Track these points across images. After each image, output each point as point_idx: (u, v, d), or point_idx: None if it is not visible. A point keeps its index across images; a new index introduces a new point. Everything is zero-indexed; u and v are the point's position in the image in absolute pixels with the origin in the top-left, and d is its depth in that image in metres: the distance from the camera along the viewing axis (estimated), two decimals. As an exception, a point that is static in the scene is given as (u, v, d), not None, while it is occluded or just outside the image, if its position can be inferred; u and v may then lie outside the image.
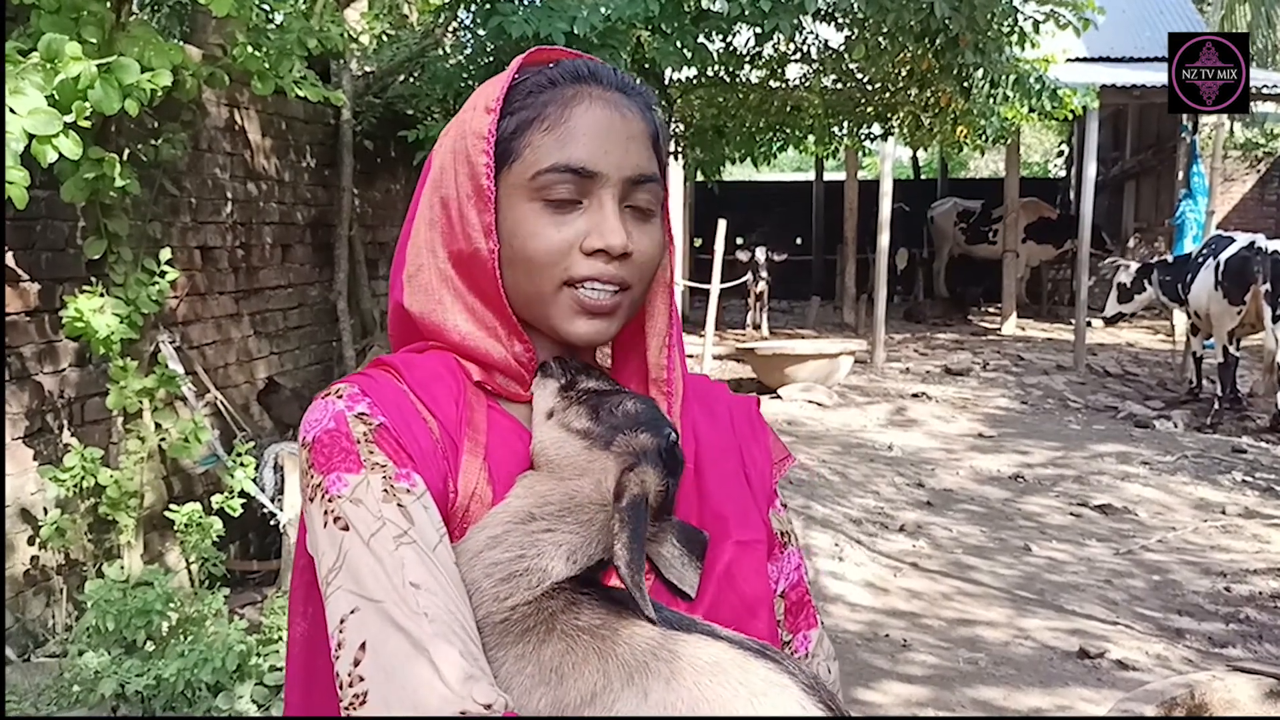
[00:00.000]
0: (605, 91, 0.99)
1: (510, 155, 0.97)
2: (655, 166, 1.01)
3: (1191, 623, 4.61)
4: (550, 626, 0.87)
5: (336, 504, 0.87)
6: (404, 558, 0.83)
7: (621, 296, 0.98)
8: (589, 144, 0.96)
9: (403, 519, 0.86)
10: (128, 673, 3.19)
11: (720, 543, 1.00)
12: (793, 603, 1.10)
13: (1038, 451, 7.82)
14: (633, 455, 0.93)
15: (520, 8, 5.06)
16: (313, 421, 0.93)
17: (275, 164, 5.63)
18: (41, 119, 2.87)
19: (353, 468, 0.88)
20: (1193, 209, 12.33)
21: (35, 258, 3.82)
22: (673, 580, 0.96)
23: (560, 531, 0.91)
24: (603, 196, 0.96)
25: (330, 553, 0.86)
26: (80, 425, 4.04)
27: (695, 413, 1.08)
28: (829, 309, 15.66)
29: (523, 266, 0.97)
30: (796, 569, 1.12)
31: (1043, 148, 27.56)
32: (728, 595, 0.99)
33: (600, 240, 0.95)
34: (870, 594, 4.92)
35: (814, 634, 1.11)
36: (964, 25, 5.91)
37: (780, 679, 0.85)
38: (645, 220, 1.00)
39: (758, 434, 1.13)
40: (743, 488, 1.07)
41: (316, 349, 6.14)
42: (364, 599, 0.82)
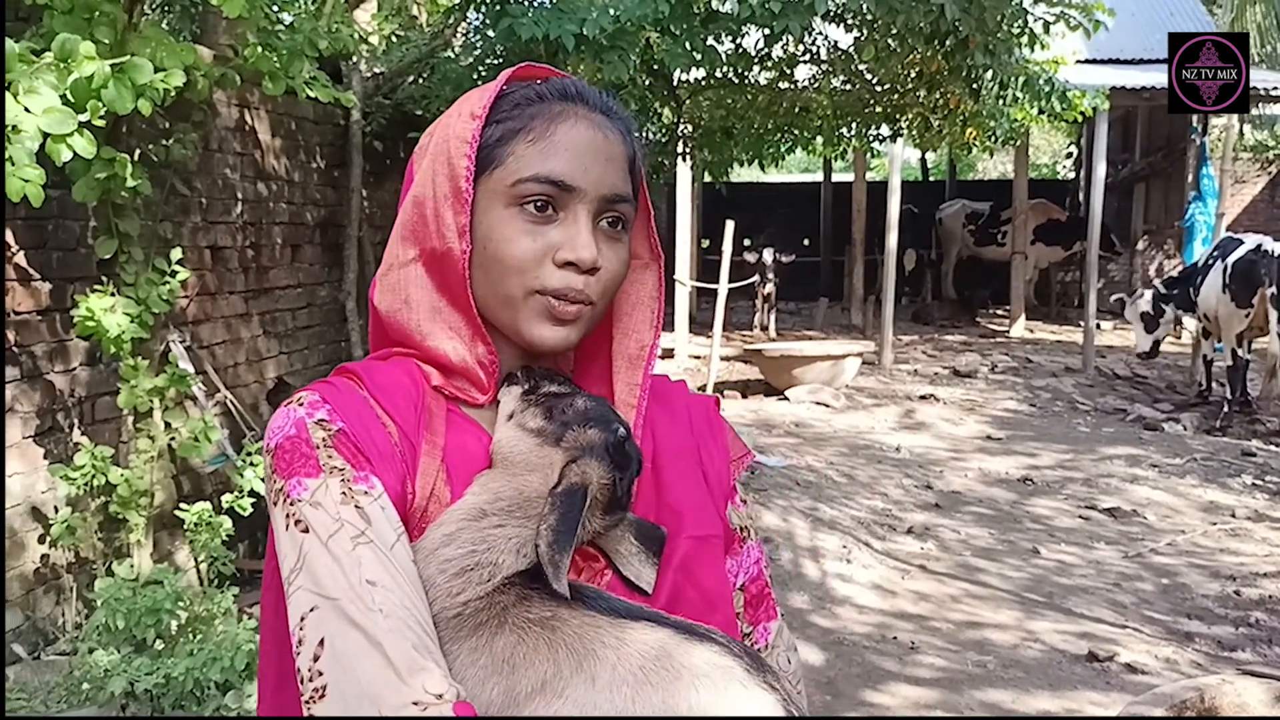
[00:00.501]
0: (590, 112, 1.03)
1: (492, 162, 1.00)
2: (630, 188, 1.04)
3: (1201, 626, 4.60)
4: (502, 620, 0.90)
5: (297, 507, 0.90)
6: (361, 557, 0.87)
7: (585, 308, 1.01)
8: (570, 159, 0.99)
9: (360, 520, 0.89)
10: (137, 671, 3.20)
11: (676, 538, 1.03)
12: (752, 595, 1.13)
13: (1046, 454, 7.81)
14: (578, 449, 0.97)
15: (530, 9, 5.06)
16: (276, 429, 0.95)
17: (285, 164, 5.65)
18: (56, 118, 2.88)
19: (312, 472, 0.91)
20: (1202, 211, 12.29)
21: (47, 257, 3.84)
22: (629, 576, 0.99)
23: (510, 526, 0.94)
24: (578, 211, 0.99)
25: (291, 554, 0.89)
26: (91, 424, 4.05)
27: (654, 412, 1.11)
28: (837, 310, 15.65)
29: (495, 270, 1.00)
30: (756, 562, 1.14)
31: (1051, 149, 27.50)
32: (685, 589, 1.02)
33: (572, 253, 0.98)
34: (878, 596, 4.91)
35: (773, 625, 1.14)
36: (974, 27, 5.89)
37: (723, 660, 0.88)
38: (615, 239, 1.03)
39: (715, 432, 1.16)
40: (699, 484, 1.10)
41: (326, 349, 6.15)
42: (322, 597, 0.86)
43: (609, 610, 0.91)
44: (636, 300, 1.10)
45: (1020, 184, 14.45)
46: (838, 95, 8.89)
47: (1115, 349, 12.43)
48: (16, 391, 3.71)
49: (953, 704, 3.88)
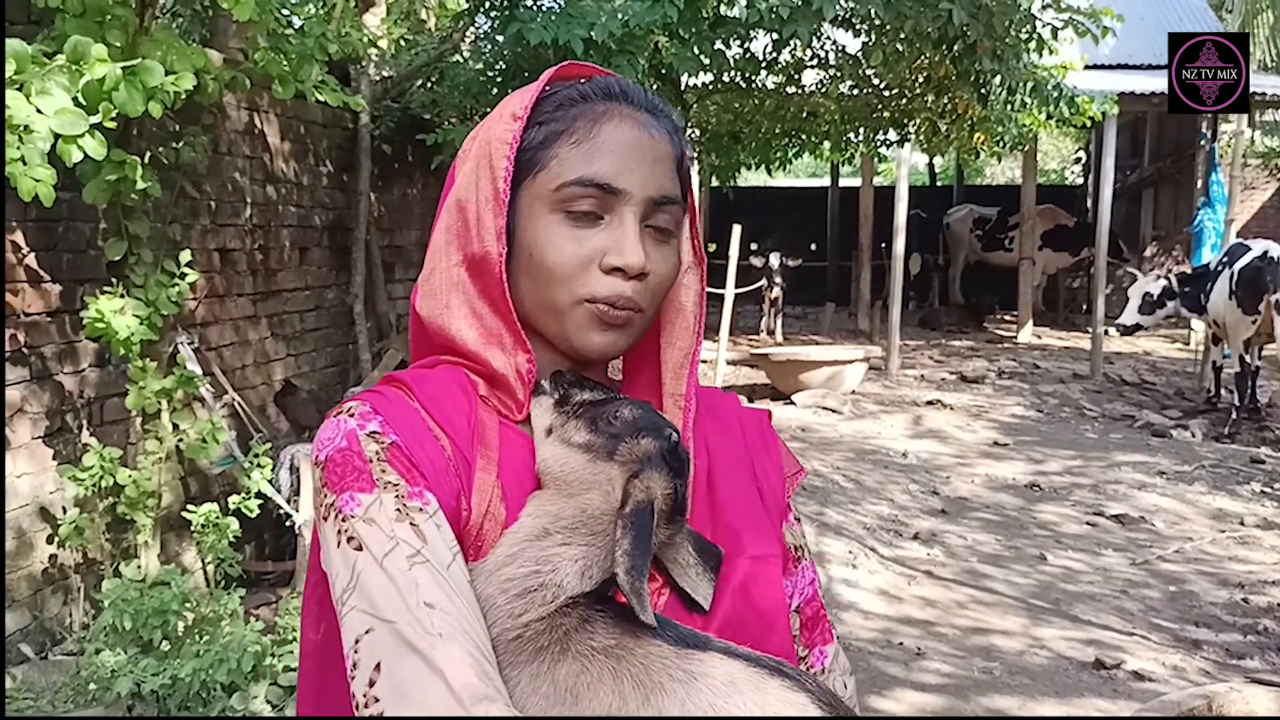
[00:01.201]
0: (635, 111, 1.00)
1: (536, 165, 0.97)
2: (678, 189, 1.01)
3: (1209, 634, 4.58)
4: (564, 646, 0.87)
5: (350, 524, 0.87)
6: (417, 578, 0.83)
7: (635, 314, 0.98)
8: (616, 161, 0.96)
9: (416, 538, 0.85)
10: (144, 672, 3.20)
11: (734, 558, 0.99)
12: (807, 618, 1.09)
13: (1053, 460, 7.79)
14: (636, 462, 0.93)
15: (539, 14, 5.08)
16: (325, 440, 0.92)
17: (294, 167, 5.67)
18: (68, 119, 2.90)
19: (365, 487, 0.88)
20: (1211, 217, 12.26)
21: (57, 259, 3.85)
22: (686, 589, 0.96)
23: (574, 545, 0.91)
24: (624, 214, 0.96)
25: (344, 573, 0.85)
26: (99, 425, 4.07)
27: (707, 425, 1.07)
28: (843, 315, 15.63)
29: (541, 277, 0.97)
30: (810, 583, 1.11)
31: (1060, 155, 27.47)
32: (744, 611, 0.98)
33: (619, 258, 0.95)
34: (884, 602, 4.90)
35: (830, 649, 1.10)
36: (982, 32, 5.90)
37: (796, 696, 0.85)
38: (663, 242, 1.00)
39: (770, 447, 1.12)
40: (756, 502, 1.06)
41: (333, 351, 6.16)
42: (378, 620, 0.82)
43: (676, 639, 0.87)
44: (680, 306, 1.06)
45: (1028, 189, 14.43)
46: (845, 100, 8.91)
47: (1123, 355, 12.40)
48: (26, 392, 3.73)
49: (958, 710, 3.86)
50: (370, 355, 6.16)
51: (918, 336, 13.98)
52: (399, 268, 7.08)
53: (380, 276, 6.57)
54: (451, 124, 6.41)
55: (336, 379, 6.14)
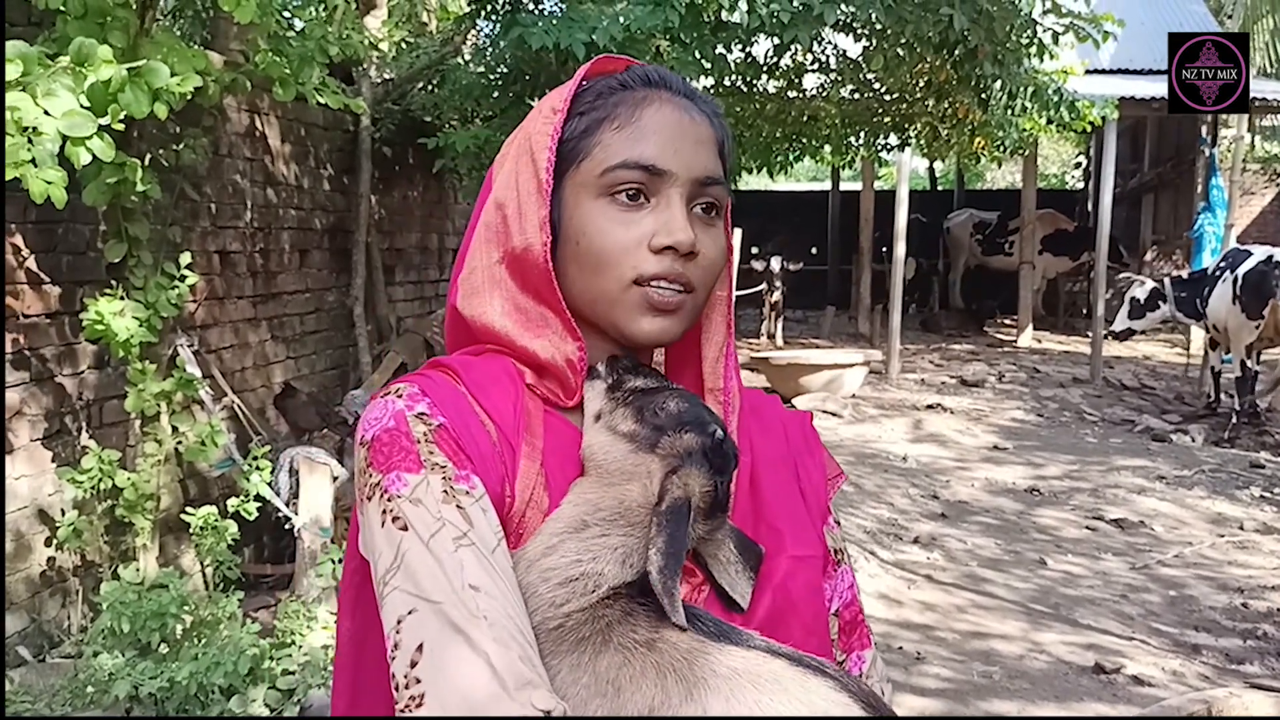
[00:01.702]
0: (675, 96, 1.00)
1: (579, 154, 0.98)
2: (721, 171, 1.01)
3: (1208, 639, 4.58)
4: (606, 637, 0.86)
5: (395, 503, 0.86)
6: (463, 560, 0.83)
7: (686, 297, 0.97)
8: (659, 142, 0.96)
9: (462, 520, 0.85)
10: (141, 675, 3.20)
11: (776, 557, 0.99)
12: (846, 622, 1.08)
13: (1053, 464, 7.79)
14: (676, 457, 0.92)
15: (540, 18, 5.08)
16: (372, 420, 0.92)
17: (295, 170, 5.67)
18: (75, 120, 2.90)
19: (413, 467, 0.88)
20: (1211, 222, 12.26)
21: (56, 260, 3.85)
22: (724, 586, 0.95)
23: (614, 536, 0.90)
24: (671, 195, 0.96)
25: (388, 552, 0.85)
26: (99, 427, 4.06)
27: (750, 425, 1.08)
28: (844, 319, 15.63)
29: (590, 264, 0.97)
30: (850, 587, 1.10)
31: (1060, 159, 27.47)
32: (784, 611, 0.98)
33: (669, 237, 0.95)
34: (884, 605, 4.90)
35: (868, 654, 1.09)
36: (983, 37, 5.90)
37: (840, 696, 0.84)
38: (710, 224, 1.00)
39: (812, 449, 1.12)
40: (798, 502, 1.06)
41: (333, 354, 6.16)
42: (422, 600, 0.82)
43: (720, 636, 0.87)
44: (714, 301, 1.06)
45: (1029, 194, 14.43)
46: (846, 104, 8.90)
47: (1123, 360, 12.40)
48: (25, 394, 3.73)
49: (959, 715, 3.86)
50: (370, 358, 6.16)
51: (918, 340, 13.98)
52: (399, 270, 7.08)
53: (380, 279, 6.57)
54: (452, 127, 6.41)
55: (336, 382, 6.14)
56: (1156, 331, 14.16)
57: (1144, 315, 9.71)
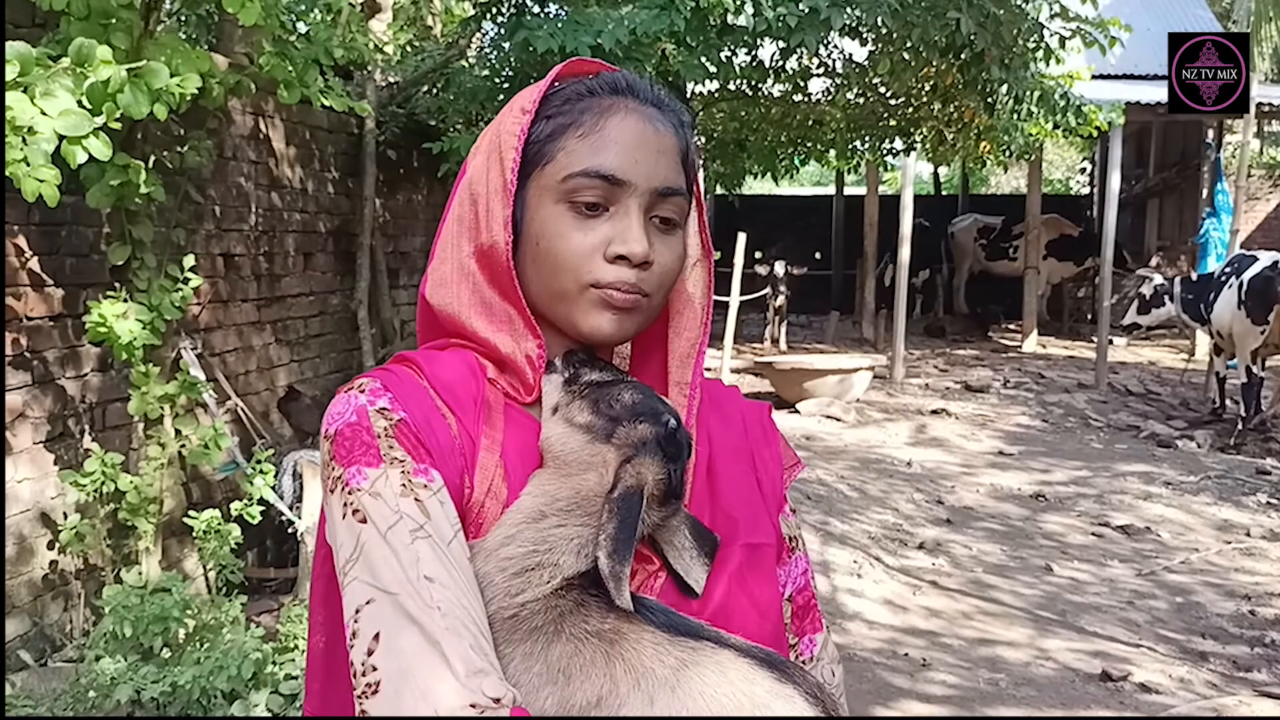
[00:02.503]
0: (641, 105, 1.02)
1: (544, 158, 1.00)
2: (682, 181, 1.03)
3: (1215, 646, 4.55)
4: (559, 627, 0.88)
5: (356, 496, 0.89)
6: (419, 552, 0.85)
7: (641, 299, 1.00)
8: (621, 153, 0.98)
9: (419, 513, 0.87)
10: (144, 679, 3.18)
11: (730, 544, 1.02)
12: (799, 606, 1.12)
13: (1059, 470, 7.76)
14: (630, 446, 0.95)
15: (546, 22, 5.07)
16: (335, 414, 0.95)
17: (299, 173, 5.66)
18: (72, 120, 2.89)
19: (373, 462, 0.90)
20: (1216, 227, 12.24)
21: (60, 263, 3.84)
22: (679, 571, 0.97)
23: (570, 526, 0.93)
24: (629, 205, 0.98)
25: (348, 544, 0.88)
26: (102, 430, 4.05)
27: (709, 416, 1.10)
28: (848, 324, 15.61)
29: (548, 266, 0.99)
30: (804, 573, 1.13)
31: (1065, 164, 27.45)
32: (738, 597, 1.00)
33: (623, 247, 0.97)
34: (889, 611, 4.88)
35: (819, 637, 1.13)
36: (989, 41, 5.89)
37: (784, 689, 0.87)
38: (668, 233, 1.02)
39: (769, 439, 1.15)
40: (754, 491, 1.09)
41: (337, 357, 6.15)
42: (379, 590, 0.84)
43: (669, 626, 0.90)
44: (688, 297, 1.09)
45: (1033, 198, 14.41)
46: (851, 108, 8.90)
47: (1128, 365, 12.37)
48: (28, 397, 3.72)
49: (964, 722, 3.84)
50: (374, 361, 6.15)
51: (922, 345, 13.95)
52: (403, 273, 7.07)
53: (385, 282, 6.56)
54: (457, 130, 6.40)
55: (340, 384, 6.12)
56: (1161, 337, 14.15)
57: (1149, 311, 9.83)
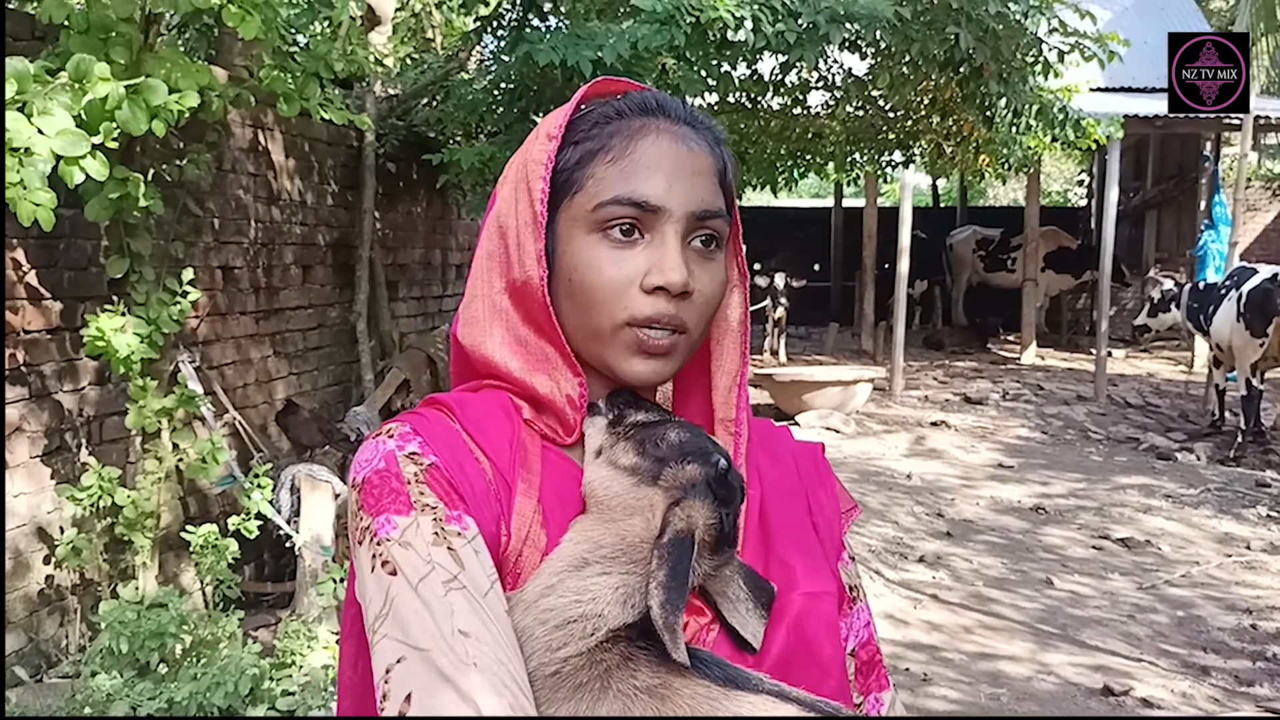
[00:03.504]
0: (673, 125, 0.97)
1: (573, 186, 0.95)
2: (721, 202, 0.97)
3: (1217, 660, 4.53)
4: (605, 684, 0.82)
5: (385, 547, 0.83)
6: (453, 604, 0.80)
7: (679, 338, 0.94)
8: (654, 177, 0.93)
9: (453, 563, 0.82)
10: (140, 695, 3.17)
11: (788, 594, 0.95)
12: (863, 662, 1.04)
13: (1058, 482, 7.74)
14: (679, 488, 0.89)
15: (547, 36, 5.08)
16: (363, 462, 0.90)
17: (298, 185, 5.66)
18: (69, 140, 2.88)
19: (402, 509, 0.85)
20: (1215, 240, 12.25)
21: (58, 276, 3.83)
22: (735, 625, 0.91)
23: (614, 574, 0.87)
24: (665, 232, 0.93)
25: (377, 598, 0.82)
26: (99, 444, 4.04)
27: (759, 456, 1.04)
28: (847, 335, 15.61)
29: (582, 301, 0.94)
30: (866, 625, 1.05)
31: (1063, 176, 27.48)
32: (797, 650, 0.93)
33: (661, 277, 0.92)
34: (890, 625, 4.86)
35: (886, 696, 1.04)
36: (988, 55, 5.89)
37: None
38: (708, 259, 0.96)
39: (824, 481, 1.08)
40: (810, 536, 1.02)
41: (335, 370, 6.14)
42: (410, 647, 0.79)
43: (725, 680, 0.83)
44: (727, 326, 1.03)
45: (1032, 211, 14.41)
46: (850, 121, 8.90)
47: (1127, 377, 12.36)
48: (25, 410, 3.70)
49: (966, 738, 3.82)
50: (373, 374, 6.14)
51: (921, 357, 13.94)
52: (402, 286, 7.06)
53: (383, 295, 6.55)
54: (456, 143, 6.40)
55: (339, 398, 6.12)
56: (1161, 348, 14.15)
57: (1157, 315, 10.12)
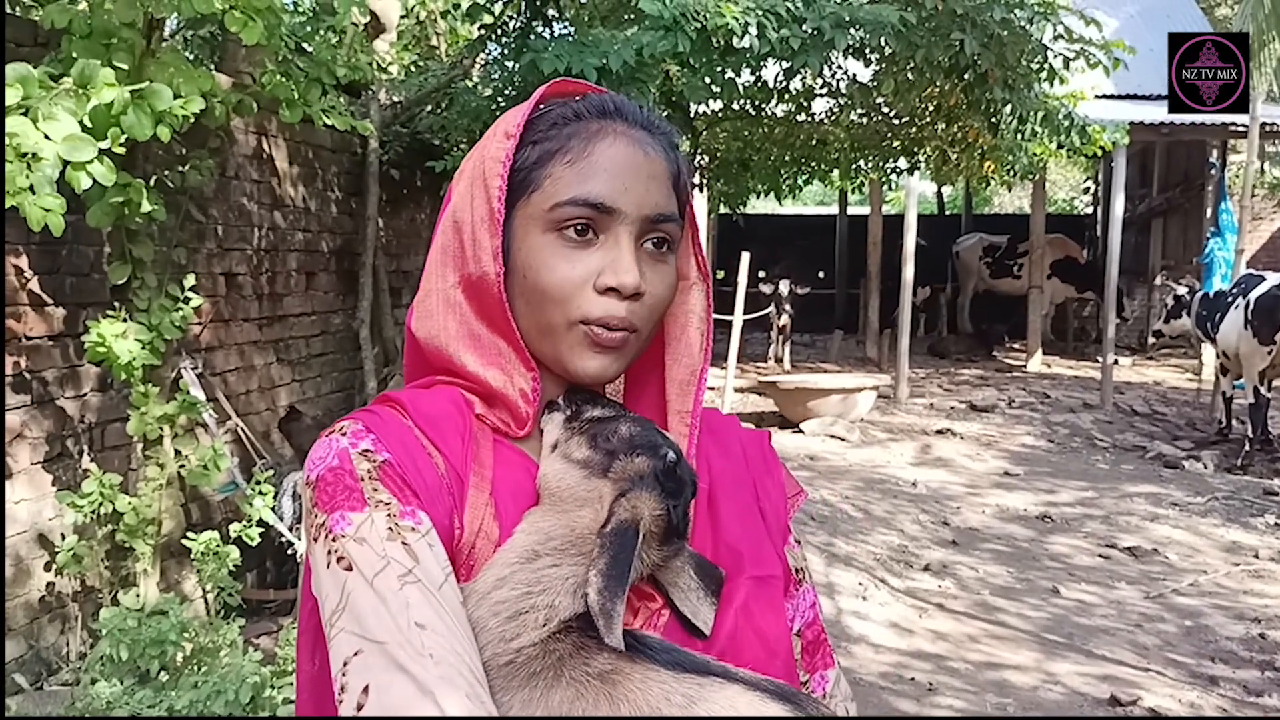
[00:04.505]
0: (630, 129, 0.98)
1: (530, 185, 0.96)
2: (674, 206, 0.99)
3: (1226, 670, 4.49)
4: (558, 671, 0.84)
5: (340, 543, 0.85)
6: (408, 597, 0.81)
7: (630, 335, 0.96)
8: (610, 180, 0.95)
9: (407, 557, 0.84)
10: (139, 703, 3.15)
11: (735, 578, 0.98)
12: (809, 641, 1.07)
13: (1065, 491, 7.71)
14: (627, 480, 0.91)
15: (552, 43, 5.07)
16: (317, 459, 0.91)
17: (302, 192, 5.65)
18: (75, 145, 2.87)
19: (356, 506, 0.86)
20: (1221, 247, 12.20)
21: (60, 282, 3.82)
22: (686, 613, 0.93)
23: (565, 565, 0.89)
24: (619, 233, 0.95)
25: (333, 594, 0.83)
26: (100, 451, 4.02)
27: (708, 446, 1.06)
28: (851, 343, 15.59)
29: (536, 299, 0.96)
30: (811, 606, 1.09)
31: (1068, 184, 27.47)
32: (745, 633, 0.96)
33: (614, 278, 0.94)
34: (895, 634, 4.82)
35: (831, 674, 1.08)
36: (993, 62, 5.89)
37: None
38: (660, 261, 0.98)
39: (770, 468, 1.11)
40: (757, 522, 1.05)
41: (339, 377, 6.13)
42: (367, 640, 0.80)
43: (674, 664, 0.85)
44: (685, 322, 1.05)
45: (1037, 218, 14.40)
46: (855, 128, 8.90)
47: (1133, 385, 12.32)
48: (26, 417, 3.69)
49: (972, 748, 3.78)
50: (376, 381, 6.13)
51: (926, 365, 13.91)
52: (406, 293, 7.05)
53: (387, 302, 6.55)
54: (460, 150, 6.40)
55: (342, 405, 6.10)
56: (1168, 356, 14.11)
57: (1169, 321, 10.25)
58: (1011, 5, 5.88)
